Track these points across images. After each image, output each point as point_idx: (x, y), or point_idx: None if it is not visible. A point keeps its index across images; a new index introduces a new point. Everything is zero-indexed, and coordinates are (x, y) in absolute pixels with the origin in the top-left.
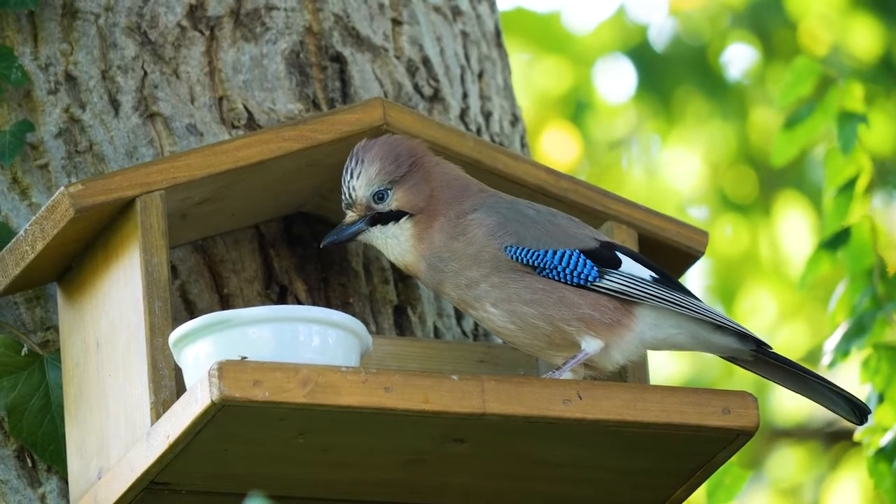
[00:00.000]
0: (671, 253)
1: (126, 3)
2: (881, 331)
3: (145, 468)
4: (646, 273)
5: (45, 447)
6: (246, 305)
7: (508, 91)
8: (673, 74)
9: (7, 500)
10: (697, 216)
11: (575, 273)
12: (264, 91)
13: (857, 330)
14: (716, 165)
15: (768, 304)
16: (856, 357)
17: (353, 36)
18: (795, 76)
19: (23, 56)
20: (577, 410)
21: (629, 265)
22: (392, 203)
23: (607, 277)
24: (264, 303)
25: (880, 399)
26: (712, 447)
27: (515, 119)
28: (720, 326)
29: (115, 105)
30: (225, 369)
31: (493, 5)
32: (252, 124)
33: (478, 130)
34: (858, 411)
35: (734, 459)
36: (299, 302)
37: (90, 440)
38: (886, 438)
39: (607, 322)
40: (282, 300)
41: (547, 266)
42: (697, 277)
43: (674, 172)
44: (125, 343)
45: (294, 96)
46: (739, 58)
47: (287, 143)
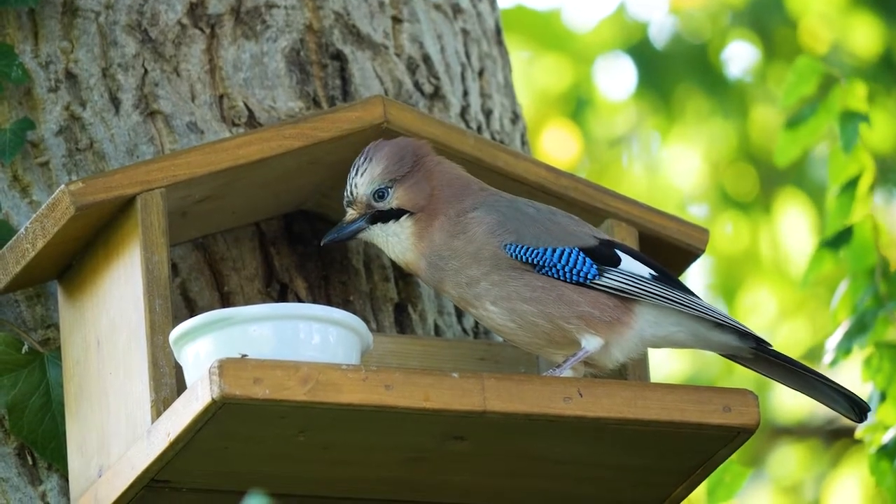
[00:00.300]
0: (671, 251)
1: (126, 1)
2: (883, 329)
3: (146, 466)
4: (645, 271)
5: (46, 445)
6: (246, 303)
7: (509, 89)
8: (673, 72)
9: (8, 498)
10: (698, 214)
11: (574, 271)
12: (265, 89)
13: (859, 328)
14: (716, 163)
15: (769, 302)
16: (857, 355)
17: (354, 34)
18: (798, 76)
19: (23, 54)
20: (578, 408)
21: (628, 263)
22: (393, 201)
23: (607, 275)
24: (265, 301)
25: (882, 397)
26: (713, 445)
27: (516, 117)
28: (720, 324)
29: (116, 103)
30: (225, 367)
31: (494, 3)
32: (252, 122)
33: (478, 128)
34: (858, 408)
35: (735, 457)
36: (300, 300)
37: (91, 438)
38: (888, 436)
39: (607, 320)
40: (282, 298)
41: (546, 264)
42: (698, 275)
43: (674, 170)
44: (126, 341)
45: (294, 94)
46: (740, 56)
47: (287, 141)
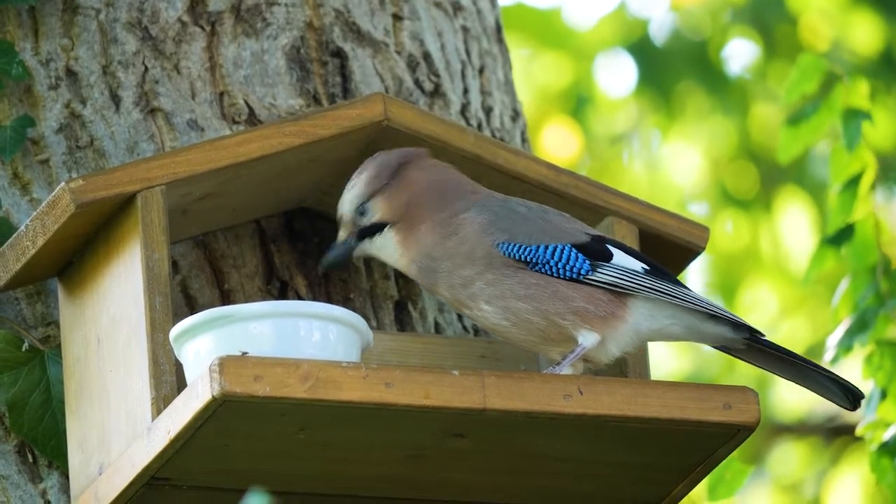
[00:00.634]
0: (672, 248)
1: None
2: (884, 327)
3: (146, 463)
4: (637, 265)
5: (46, 442)
6: (247, 301)
7: (509, 86)
8: (674, 69)
9: (8, 496)
10: (698, 212)
11: (567, 267)
12: (265, 86)
13: (860, 326)
14: (716, 161)
15: (769, 300)
16: (858, 353)
17: (354, 31)
18: (801, 73)
19: (24, 51)
20: (578, 406)
21: (620, 258)
22: (374, 216)
23: (600, 270)
24: (265, 298)
25: (883, 395)
26: (713, 442)
27: (516, 114)
28: (713, 316)
29: (116, 100)
30: (226, 365)
31: (494, 0)
32: (253, 119)
33: (479, 126)
34: (852, 396)
35: (735, 455)
36: (300, 297)
37: (91, 435)
38: (889, 434)
39: (602, 314)
40: (283, 295)
41: (539, 261)
42: (698, 273)
43: (674, 168)
44: (126, 338)
45: (295, 91)
46: (740, 53)
47: (288, 139)
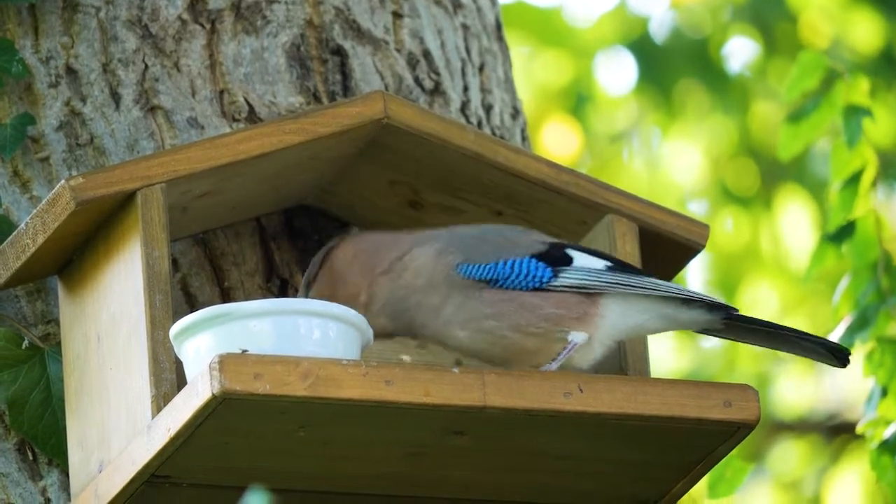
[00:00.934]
0: (672, 246)
1: None
2: (885, 324)
3: (146, 461)
4: (600, 263)
5: (46, 440)
6: (247, 298)
7: (509, 84)
8: (674, 67)
9: (8, 493)
10: (698, 210)
11: (529, 277)
12: (265, 84)
13: (861, 323)
14: (717, 158)
15: (770, 298)
16: (859, 350)
17: (354, 29)
18: (801, 70)
19: (23, 49)
20: (578, 403)
21: (581, 259)
22: None
23: (562, 275)
24: (265, 296)
25: (883, 392)
26: (713, 440)
27: (516, 112)
28: (686, 301)
29: (116, 98)
30: (226, 362)
31: None
32: (253, 117)
33: (479, 123)
34: (839, 354)
35: (735, 452)
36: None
37: (91, 433)
38: (889, 431)
39: (575, 315)
40: (283, 293)
41: (500, 277)
42: (698, 271)
43: (675, 165)
44: (126, 336)
45: (295, 89)
46: (740, 51)
47: (288, 136)
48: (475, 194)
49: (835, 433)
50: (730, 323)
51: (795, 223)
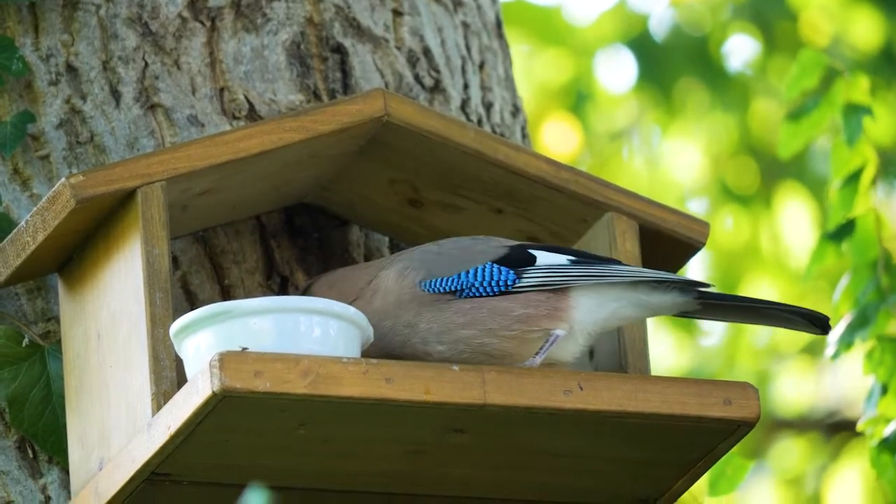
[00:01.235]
0: (672, 244)
1: None
2: (885, 322)
3: (146, 459)
4: (563, 258)
5: (46, 438)
6: (247, 296)
7: (509, 82)
8: (674, 65)
9: (8, 491)
10: (698, 208)
11: (493, 283)
12: (265, 82)
13: (861, 321)
14: (716, 157)
15: (770, 296)
16: (859, 349)
17: (354, 27)
18: (801, 68)
19: (24, 47)
20: (578, 401)
21: (545, 258)
22: None
23: (526, 276)
24: (265, 294)
25: (884, 390)
26: (713, 438)
27: (516, 110)
28: (657, 285)
29: (116, 96)
30: (226, 360)
31: None
32: (253, 115)
33: (479, 121)
34: (819, 322)
35: (736, 450)
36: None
37: (91, 431)
38: (889, 429)
39: (544, 313)
40: (283, 291)
41: (465, 286)
42: (698, 269)
43: (675, 163)
44: (126, 334)
45: (295, 87)
46: (740, 49)
47: (288, 134)
48: (475, 192)
49: (835, 431)
50: (705, 303)
51: (795, 221)
